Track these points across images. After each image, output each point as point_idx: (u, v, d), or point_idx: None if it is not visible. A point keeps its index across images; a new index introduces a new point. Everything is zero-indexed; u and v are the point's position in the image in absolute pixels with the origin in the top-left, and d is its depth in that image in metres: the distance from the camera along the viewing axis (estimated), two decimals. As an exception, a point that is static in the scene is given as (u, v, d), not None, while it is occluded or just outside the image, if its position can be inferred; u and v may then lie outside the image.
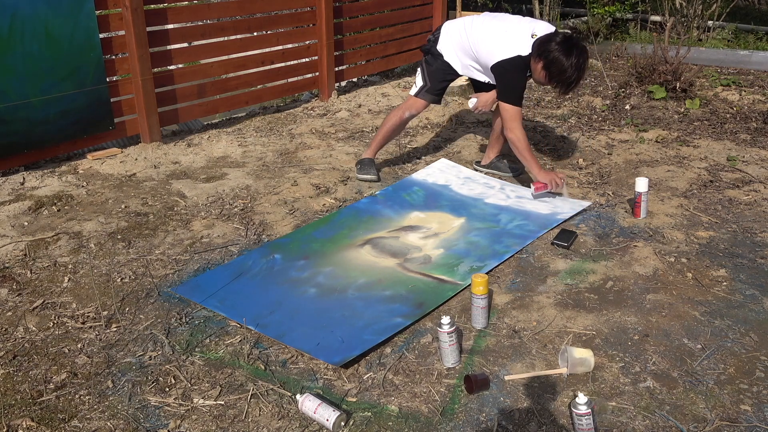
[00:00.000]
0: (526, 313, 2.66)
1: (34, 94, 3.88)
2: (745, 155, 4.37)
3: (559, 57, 3.33)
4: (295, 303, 2.74)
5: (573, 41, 3.38)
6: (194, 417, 2.13)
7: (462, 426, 2.08)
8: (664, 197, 3.74)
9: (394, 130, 4.02)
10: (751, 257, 3.08)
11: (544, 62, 3.39)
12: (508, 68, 3.49)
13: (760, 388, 2.23)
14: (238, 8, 4.93)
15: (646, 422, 2.09)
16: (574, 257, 3.10)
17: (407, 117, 3.96)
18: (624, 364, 2.36)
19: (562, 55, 3.33)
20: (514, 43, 3.47)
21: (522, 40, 3.47)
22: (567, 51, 3.33)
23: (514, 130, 3.56)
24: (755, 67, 6.72)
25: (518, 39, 3.48)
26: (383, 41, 6.28)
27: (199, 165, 4.23)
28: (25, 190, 3.76)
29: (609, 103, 5.60)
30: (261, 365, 2.37)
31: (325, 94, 5.67)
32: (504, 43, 3.49)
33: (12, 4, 3.68)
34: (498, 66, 3.51)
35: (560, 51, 3.33)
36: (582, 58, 3.37)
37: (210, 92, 4.86)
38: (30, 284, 2.87)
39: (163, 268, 3.01)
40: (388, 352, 2.44)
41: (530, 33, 3.47)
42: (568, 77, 3.38)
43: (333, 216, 3.51)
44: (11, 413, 2.13)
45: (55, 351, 2.44)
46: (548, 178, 3.61)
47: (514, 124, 3.56)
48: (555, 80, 3.42)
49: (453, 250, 3.17)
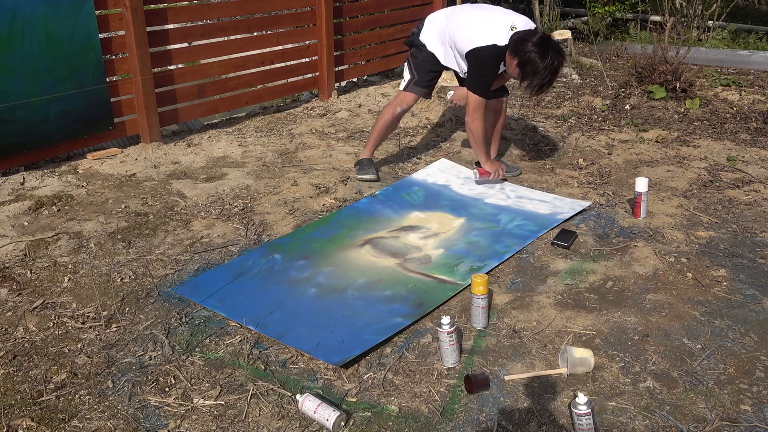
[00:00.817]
0: (526, 313, 2.66)
1: (34, 94, 3.88)
2: (745, 155, 4.37)
3: (535, 58, 3.34)
4: (295, 303, 2.74)
5: (550, 43, 3.38)
6: (194, 417, 2.13)
7: (462, 426, 2.08)
8: (664, 197, 3.74)
9: (388, 127, 4.02)
10: (751, 257, 3.08)
11: (518, 60, 3.40)
12: (481, 56, 3.50)
13: (760, 388, 2.23)
14: (238, 8, 4.93)
15: (646, 422, 2.09)
16: (574, 257, 3.10)
17: (399, 112, 3.96)
18: (624, 364, 2.36)
19: (538, 57, 3.34)
20: (493, 32, 3.47)
21: (501, 30, 3.46)
22: (543, 53, 3.33)
23: (476, 120, 3.66)
24: (755, 67, 6.72)
25: (497, 29, 3.47)
26: (383, 41, 6.28)
27: (199, 165, 4.23)
28: (25, 190, 3.76)
29: (609, 103, 5.60)
30: (261, 365, 2.37)
31: (325, 94, 5.67)
32: (482, 31, 3.49)
33: (12, 4, 3.68)
34: (472, 53, 3.51)
35: (536, 52, 3.34)
36: (557, 61, 3.37)
37: (210, 92, 4.86)
38: (30, 284, 2.87)
39: (163, 268, 3.01)
40: (388, 352, 2.44)
41: (510, 25, 3.46)
42: (542, 79, 3.39)
43: (333, 216, 3.51)
44: (11, 413, 2.13)
45: (55, 351, 2.44)
46: (493, 168, 3.84)
47: (476, 114, 3.64)
48: (527, 80, 3.43)
49: (453, 250, 3.17)
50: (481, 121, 3.66)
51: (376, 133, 4.02)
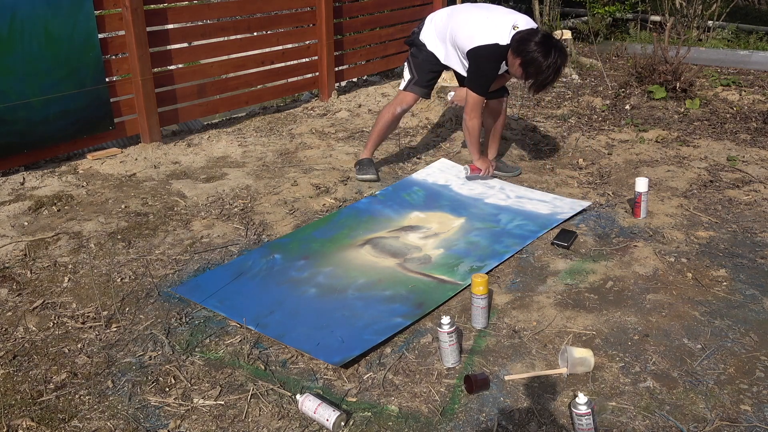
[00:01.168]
0: (526, 313, 2.66)
1: (34, 94, 3.88)
2: (745, 155, 4.37)
3: (538, 57, 3.35)
4: (295, 303, 2.74)
5: (552, 42, 3.39)
6: (194, 417, 2.13)
7: (462, 426, 2.08)
8: (664, 197, 3.74)
9: (388, 127, 4.02)
10: (751, 257, 3.08)
11: (521, 60, 3.40)
12: (482, 55, 3.51)
13: (760, 388, 2.23)
14: (238, 8, 4.93)
15: (646, 422, 2.09)
16: (574, 257, 3.10)
17: (399, 112, 3.96)
18: (624, 364, 2.36)
19: (541, 56, 3.34)
20: (494, 31, 3.47)
21: (502, 29, 3.46)
22: (546, 52, 3.34)
23: (474, 119, 3.70)
24: (755, 67, 6.72)
25: (499, 28, 3.47)
26: (383, 41, 6.27)
27: (199, 165, 4.23)
28: (25, 190, 3.76)
29: (609, 103, 5.60)
30: (261, 365, 2.37)
31: (325, 94, 5.67)
32: (484, 30, 3.50)
33: (12, 4, 3.68)
34: (473, 51, 3.52)
35: (539, 51, 3.34)
36: (561, 60, 3.38)
37: (210, 92, 4.86)
38: (30, 284, 2.87)
39: (163, 268, 3.01)
40: (388, 352, 2.44)
41: (512, 24, 3.47)
42: (545, 78, 3.41)
43: (333, 216, 3.51)
44: (11, 413, 2.13)
45: (55, 351, 2.44)
46: (484, 166, 3.89)
47: (474, 113, 3.68)
48: (531, 79, 3.44)
49: (453, 250, 3.17)
50: (478, 119, 3.69)
51: (376, 133, 4.02)
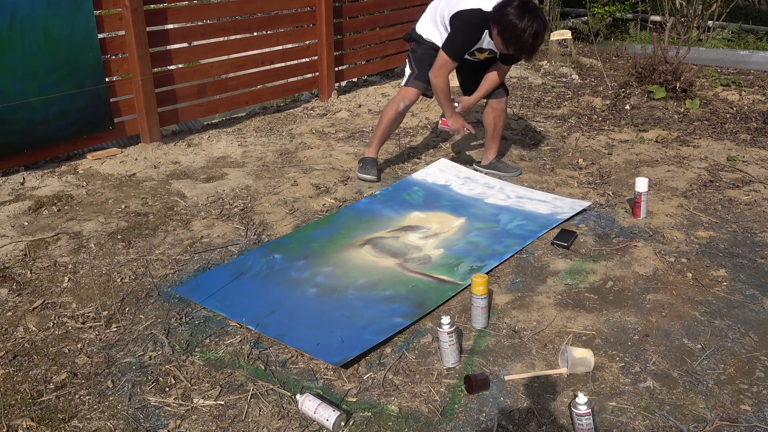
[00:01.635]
0: (526, 313, 2.66)
1: (34, 94, 3.88)
2: (745, 155, 4.37)
3: (513, 20, 3.36)
4: (295, 303, 2.74)
5: (528, 6, 3.40)
6: (194, 417, 2.13)
7: (462, 426, 2.08)
8: (664, 197, 3.74)
9: (392, 124, 4.01)
10: (751, 257, 3.08)
11: (498, 28, 3.43)
12: (463, 20, 3.53)
13: (760, 388, 2.23)
14: (238, 8, 4.93)
15: (646, 422, 2.09)
16: (574, 257, 3.10)
17: (402, 108, 3.95)
18: (624, 364, 2.36)
19: (516, 19, 3.36)
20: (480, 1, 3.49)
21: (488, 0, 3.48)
22: (519, 15, 3.36)
23: (439, 77, 3.70)
24: (755, 67, 6.72)
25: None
26: (383, 41, 6.28)
27: (199, 165, 4.23)
28: (25, 190, 3.76)
29: (609, 103, 5.60)
30: (261, 365, 2.37)
31: (325, 94, 5.67)
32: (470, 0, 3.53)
33: (11, 4, 3.68)
34: (456, 15, 3.55)
35: (514, 15, 3.36)
36: (536, 23, 3.37)
37: (210, 92, 4.86)
38: (30, 284, 2.87)
39: (163, 268, 3.01)
40: (388, 352, 2.44)
41: None
42: (524, 41, 3.40)
43: (333, 216, 3.51)
44: (11, 413, 2.13)
45: (55, 351, 2.44)
46: (456, 126, 3.87)
47: (441, 72, 3.69)
48: (511, 45, 3.45)
49: (453, 250, 3.17)
50: (443, 78, 3.71)
51: (380, 130, 4.02)
